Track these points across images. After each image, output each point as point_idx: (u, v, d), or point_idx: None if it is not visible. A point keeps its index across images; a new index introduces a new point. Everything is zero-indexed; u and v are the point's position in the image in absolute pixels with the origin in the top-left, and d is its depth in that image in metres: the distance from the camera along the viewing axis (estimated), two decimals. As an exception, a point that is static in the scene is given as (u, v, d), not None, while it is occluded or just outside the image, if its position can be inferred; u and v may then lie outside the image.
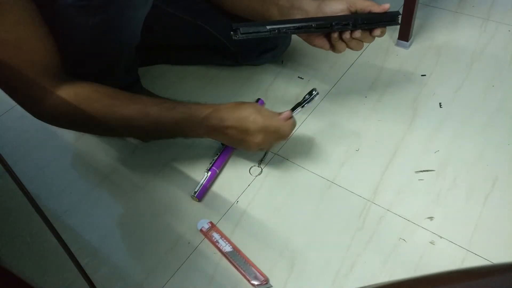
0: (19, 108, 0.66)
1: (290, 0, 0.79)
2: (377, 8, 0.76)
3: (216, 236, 0.74)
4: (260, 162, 0.86)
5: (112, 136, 0.75)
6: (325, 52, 0.88)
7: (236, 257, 0.71)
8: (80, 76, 0.67)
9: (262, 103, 0.97)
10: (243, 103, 0.73)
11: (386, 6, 0.76)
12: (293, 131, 0.77)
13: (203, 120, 0.71)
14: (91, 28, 0.67)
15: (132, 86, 0.92)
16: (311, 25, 0.74)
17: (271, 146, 0.77)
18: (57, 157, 0.92)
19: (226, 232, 0.76)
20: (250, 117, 0.70)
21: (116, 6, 0.66)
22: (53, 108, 0.65)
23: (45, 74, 0.62)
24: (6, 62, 0.58)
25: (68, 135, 0.96)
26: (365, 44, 1.09)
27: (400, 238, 0.72)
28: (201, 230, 0.76)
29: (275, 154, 0.88)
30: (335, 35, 0.77)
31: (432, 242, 0.71)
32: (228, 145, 0.81)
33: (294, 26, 0.75)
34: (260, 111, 0.72)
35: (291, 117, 0.76)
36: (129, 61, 0.83)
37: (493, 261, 0.68)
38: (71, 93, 0.65)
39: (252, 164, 0.86)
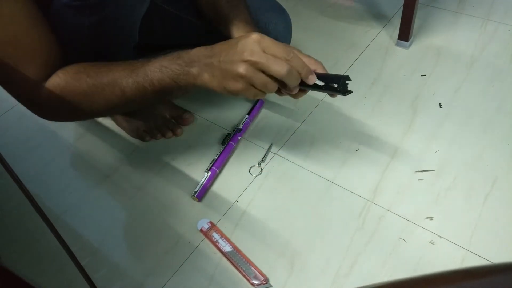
0: (19, 108, 0.66)
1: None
2: (307, 62, 0.64)
3: (216, 236, 0.74)
4: (260, 162, 0.86)
5: (112, 110, 0.68)
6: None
7: (236, 257, 0.71)
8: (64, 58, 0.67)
9: (262, 103, 0.97)
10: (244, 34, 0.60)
11: None
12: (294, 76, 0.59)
13: (192, 54, 0.61)
14: (87, 28, 0.66)
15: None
16: None
17: (262, 63, 0.57)
18: (57, 157, 0.92)
19: (226, 232, 0.76)
20: (238, 45, 0.57)
21: (112, 6, 0.65)
22: (46, 98, 0.63)
23: (40, 67, 0.62)
24: (6, 61, 0.58)
25: (68, 135, 0.96)
26: (365, 45, 1.10)
27: (400, 238, 0.72)
28: (201, 230, 0.76)
29: (275, 154, 0.88)
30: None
31: (432, 242, 0.72)
32: (215, 88, 0.61)
33: None
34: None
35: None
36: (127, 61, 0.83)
37: (493, 261, 0.68)
38: (59, 74, 0.63)
39: (252, 164, 0.86)
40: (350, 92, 0.63)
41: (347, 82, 0.61)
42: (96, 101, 0.65)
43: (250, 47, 0.57)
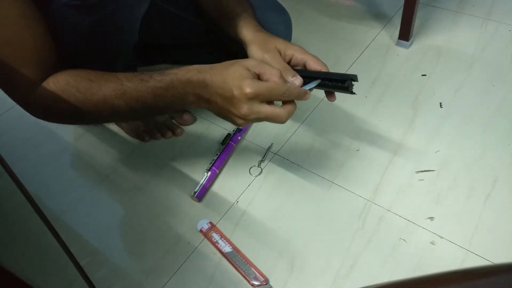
0: (18, 108, 0.66)
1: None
2: (313, 64, 0.68)
3: (216, 236, 0.74)
4: (260, 162, 0.86)
5: (103, 120, 0.68)
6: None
7: (236, 258, 0.71)
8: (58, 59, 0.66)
9: None
10: (235, 61, 0.60)
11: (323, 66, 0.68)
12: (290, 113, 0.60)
13: (186, 86, 0.61)
14: (87, 27, 0.66)
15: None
16: None
17: (261, 120, 0.60)
18: (56, 157, 0.92)
19: (226, 233, 0.75)
20: (236, 81, 0.57)
21: (112, 5, 0.65)
22: (38, 102, 0.63)
23: (34, 69, 0.61)
24: (1, 60, 0.58)
25: (67, 135, 0.96)
26: (365, 45, 1.10)
27: (400, 238, 0.72)
28: (201, 231, 0.76)
29: (275, 154, 0.88)
30: None
31: (432, 242, 0.71)
32: (217, 116, 0.64)
33: None
34: (251, 71, 0.58)
35: (302, 91, 0.61)
36: (128, 60, 0.83)
37: (493, 261, 0.68)
38: (50, 83, 0.62)
39: (252, 164, 0.86)
40: (355, 93, 0.63)
41: (353, 82, 0.62)
42: (85, 115, 0.65)
43: (246, 107, 0.58)
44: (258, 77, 0.59)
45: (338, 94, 0.67)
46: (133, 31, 0.76)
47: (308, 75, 0.68)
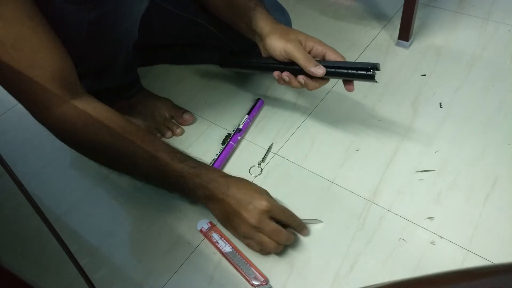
0: (19, 108, 0.66)
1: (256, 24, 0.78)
2: (332, 55, 0.73)
3: (215, 236, 0.74)
4: (260, 162, 0.86)
5: (113, 169, 0.71)
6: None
7: (236, 258, 0.71)
8: (77, 75, 0.66)
9: (262, 103, 0.97)
10: (257, 188, 0.69)
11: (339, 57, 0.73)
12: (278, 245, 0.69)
13: (208, 183, 0.68)
14: (87, 25, 0.66)
15: (131, 85, 0.92)
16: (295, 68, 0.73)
17: (263, 234, 0.68)
18: (57, 157, 0.92)
19: (226, 233, 0.75)
20: (249, 205, 0.66)
21: (112, 2, 0.65)
22: (58, 122, 0.62)
23: (54, 81, 0.60)
24: (11, 65, 0.56)
25: (68, 135, 0.96)
26: (365, 45, 1.10)
27: (400, 238, 0.72)
28: (200, 231, 0.76)
29: (275, 154, 0.88)
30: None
31: (432, 242, 0.71)
32: (220, 218, 0.73)
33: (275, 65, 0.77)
34: (265, 207, 0.66)
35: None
36: (128, 59, 0.83)
37: (493, 261, 0.68)
38: (81, 112, 0.62)
39: (252, 164, 0.86)
40: (377, 81, 0.67)
41: (375, 71, 0.66)
42: (101, 158, 0.69)
43: (257, 216, 0.66)
44: None
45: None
46: (133, 30, 0.76)
47: (329, 65, 0.70)
